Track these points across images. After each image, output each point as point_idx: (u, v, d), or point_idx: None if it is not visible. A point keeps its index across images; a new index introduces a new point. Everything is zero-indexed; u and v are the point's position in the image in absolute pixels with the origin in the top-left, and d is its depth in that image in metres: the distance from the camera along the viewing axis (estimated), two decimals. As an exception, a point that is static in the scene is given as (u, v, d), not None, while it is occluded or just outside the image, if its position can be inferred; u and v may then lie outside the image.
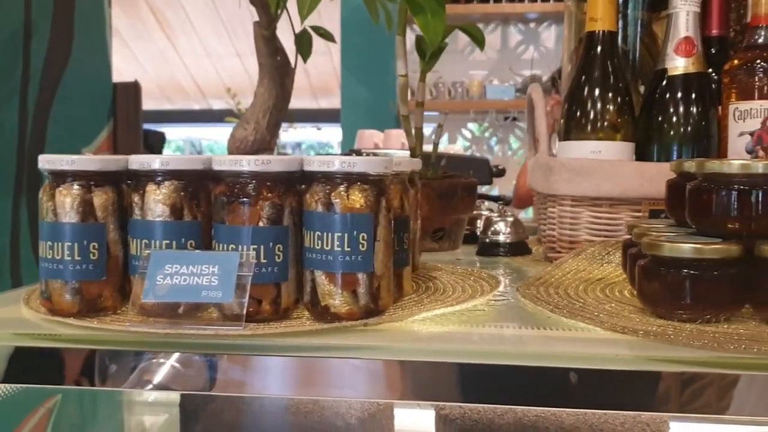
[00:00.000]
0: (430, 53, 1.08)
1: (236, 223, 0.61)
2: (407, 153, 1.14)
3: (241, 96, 4.68)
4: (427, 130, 4.18)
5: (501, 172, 1.95)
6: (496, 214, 1.09)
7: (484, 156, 3.58)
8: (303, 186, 0.63)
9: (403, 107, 1.09)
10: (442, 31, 0.98)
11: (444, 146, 3.93)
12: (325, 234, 0.60)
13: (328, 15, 4.02)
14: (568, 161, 0.96)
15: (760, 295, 0.63)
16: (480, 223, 1.18)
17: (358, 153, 2.75)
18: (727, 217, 0.66)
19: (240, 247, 0.61)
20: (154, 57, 5.37)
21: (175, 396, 1.01)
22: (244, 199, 0.61)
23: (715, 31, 1.05)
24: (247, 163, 0.61)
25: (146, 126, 2.84)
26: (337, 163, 0.61)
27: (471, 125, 4.06)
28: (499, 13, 3.82)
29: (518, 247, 1.07)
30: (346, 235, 0.60)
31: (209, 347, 0.59)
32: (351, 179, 0.61)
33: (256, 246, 0.61)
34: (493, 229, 1.07)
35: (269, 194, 0.61)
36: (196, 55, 5.19)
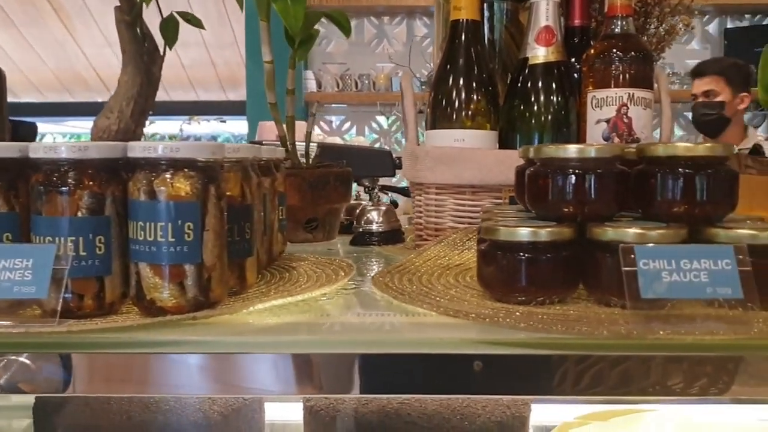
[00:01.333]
0: (298, 40, 1.06)
1: (53, 214, 0.58)
2: (312, 144, 1.13)
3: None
4: (337, 121, 4.16)
5: (403, 164, 1.95)
6: (369, 204, 1.08)
7: (392, 148, 3.59)
8: (130, 174, 0.60)
9: (270, 95, 1.07)
10: (302, 17, 0.97)
11: (351, 139, 3.92)
12: (149, 224, 0.58)
13: (233, 6, 3.94)
14: (431, 150, 0.96)
15: (591, 276, 0.64)
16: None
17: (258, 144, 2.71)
18: (561, 200, 0.67)
19: (57, 239, 0.57)
20: (50, 46, 5.13)
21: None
22: (62, 188, 0.58)
23: (577, 21, 1.07)
24: (65, 150, 0.58)
25: (37, 119, 2.70)
26: (161, 149, 0.58)
27: (379, 118, 4.07)
28: (404, 6, 3.83)
29: (391, 236, 1.07)
30: (170, 224, 0.58)
31: (30, 346, 0.56)
32: (177, 166, 0.58)
33: (74, 238, 0.57)
34: (366, 218, 1.06)
35: (89, 183, 0.58)
36: (96, 44, 4.98)
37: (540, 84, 0.98)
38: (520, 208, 0.79)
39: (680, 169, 0.65)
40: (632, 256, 0.57)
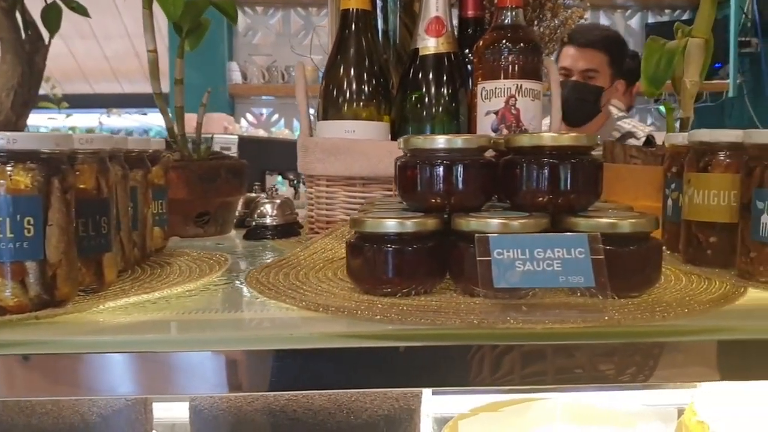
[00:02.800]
0: (185, 29, 1.02)
1: None
2: (232, 137, 1.10)
3: (65, 81, 4.37)
4: (266, 113, 4.10)
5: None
6: (263, 196, 1.06)
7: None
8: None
9: (155, 84, 1.04)
10: (181, 4, 0.94)
11: (277, 131, 3.87)
12: (-15, 219, 0.54)
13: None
14: (321, 141, 0.95)
15: (456, 267, 0.64)
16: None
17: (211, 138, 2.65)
18: (429, 192, 0.66)
19: None
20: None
21: None
22: None
23: (470, 12, 1.07)
24: None
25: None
26: (0, 140, 0.55)
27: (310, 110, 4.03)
28: (331, -2, 3.81)
29: (286, 229, 1.05)
30: (8, 219, 0.55)
31: None
32: (17, 158, 0.55)
33: None
34: (259, 211, 1.04)
35: None
36: None
37: (430, 75, 0.98)
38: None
39: (544, 159, 0.66)
40: (487, 245, 0.57)
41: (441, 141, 0.66)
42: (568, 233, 0.59)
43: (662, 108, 4.20)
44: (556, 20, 1.13)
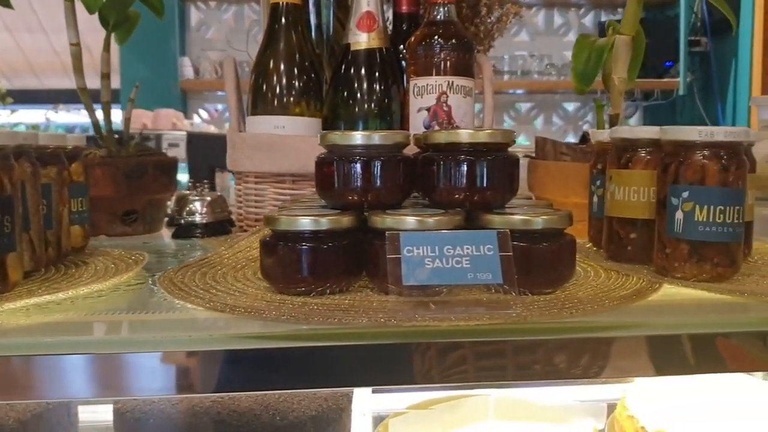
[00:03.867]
0: (112, 23, 1.00)
1: None
2: (181, 133, 1.07)
3: (13, 76, 4.25)
4: (222, 108, 4.04)
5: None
6: (193, 193, 1.04)
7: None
8: None
9: (79, 79, 1.00)
10: (102, -4, 0.91)
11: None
12: None
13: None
14: (248, 137, 0.93)
15: (372, 264, 0.63)
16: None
17: (140, 134, 2.59)
18: (346, 189, 0.65)
19: None
20: None
21: None
22: None
23: (405, 8, 1.07)
24: None
25: None
26: None
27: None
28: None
29: (216, 227, 1.03)
30: None
31: None
32: None
33: None
34: (188, 209, 1.02)
35: None
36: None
37: (362, 71, 0.97)
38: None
39: (460, 156, 0.65)
40: (397, 243, 0.56)
41: (358, 137, 0.65)
42: (477, 230, 0.59)
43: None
44: (491, 17, 1.13)
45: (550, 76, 3.95)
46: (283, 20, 0.96)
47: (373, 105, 0.97)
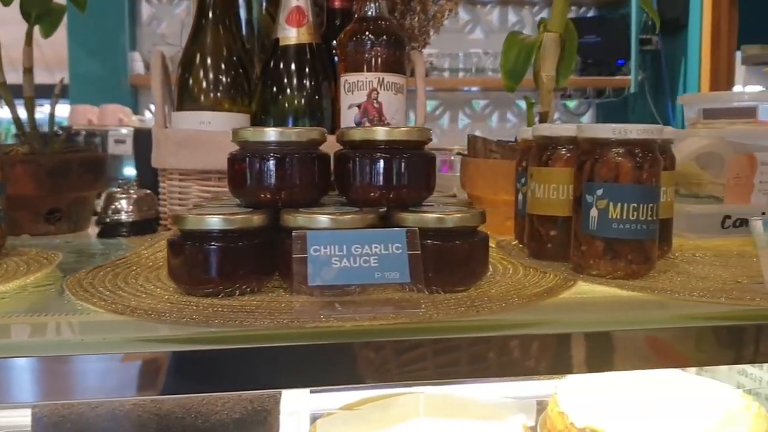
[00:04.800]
0: (34, 15, 0.96)
1: None
2: (128, 130, 1.03)
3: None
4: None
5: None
6: (119, 191, 1.01)
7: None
8: None
9: (-3, 74, 0.97)
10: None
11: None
12: None
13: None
14: (172, 133, 0.91)
15: (283, 264, 0.62)
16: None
17: (68, 130, 2.52)
18: (258, 187, 0.64)
19: None
20: None
21: None
22: None
23: (337, 3, 1.05)
24: None
25: None
26: None
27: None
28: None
29: (144, 226, 1.00)
30: None
31: None
32: None
33: None
34: (113, 207, 0.99)
35: None
36: None
37: (291, 66, 0.96)
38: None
39: (375, 154, 0.64)
40: (304, 242, 0.55)
41: (271, 134, 0.64)
42: (386, 229, 0.58)
43: (568, 103, 4.32)
44: (425, 14, 1.13)
45: (456, 74, 3.90)
46: (211, 14, 0.94)
47: (302, 101, 0.96)
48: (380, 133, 0.64)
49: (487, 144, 0.98)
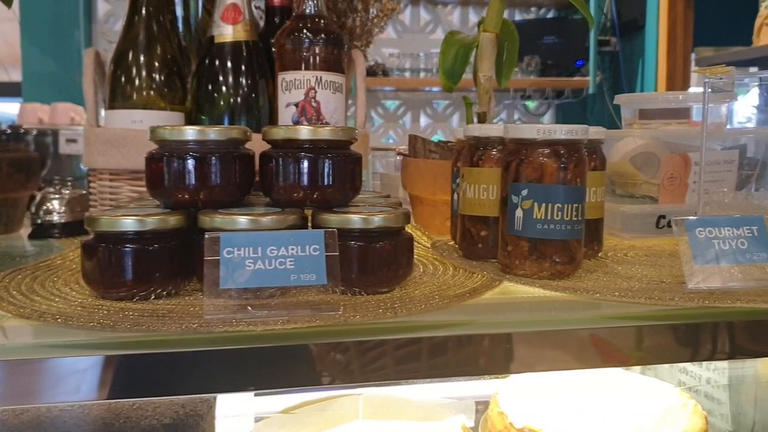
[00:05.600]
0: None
1: None
2: (80, 128, 1.00)
3: None
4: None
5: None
6: (52, 191, 0.98)
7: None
8: None
9: None
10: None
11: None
12: None
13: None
14: (102, 131, 0.89)
15: (200, 267, 0.60)
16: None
17: (16, 129, 2.46)
18: (176, 187, 0.62)
19: None
20: None
21: None
22: None
23: (277, 1, 1.04)
24: None
25: None
26: None
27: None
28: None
29: (76, 227, 0.97)
30: None
31: None
32: None
33: None
34: (45, 208, 0.97)
35: None
36: None
37: (227, 64, 0.94)
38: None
39: (299, 153, 0.63)
40: (216, 245, 0.54)
41: (189, 132, 0.62)
42: (304, 230, 0.57)
43: (528, 104, 4.35)
44: (367, 13, 1.12)
45: (418, 74, 3.91)
46: (144, 10, 0.92)
47: (238, 99, 0.94)
48: (304, 132, 0.63)
49: (427, 144, 0.97)
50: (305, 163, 0.63)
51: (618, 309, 0.59)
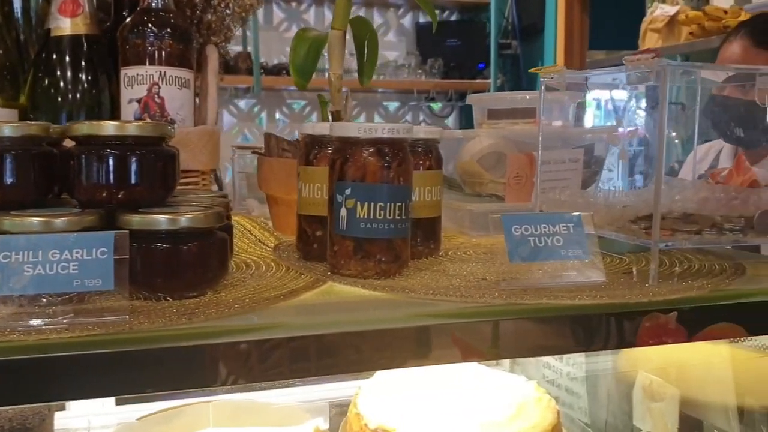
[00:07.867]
0: None
1: None
2: None
3: None
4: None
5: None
6: None
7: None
8: None
9: None
10: None
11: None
12: None
13: None
14: None
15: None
16: None
17: None
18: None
19: None
20: None
21: None
22: None
23: (126, -6, 1.00)
24: None
25: None
26: None
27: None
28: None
29: None
30: None
31: None
32: None
33: None
34: None
35: None
36: None
37: (64, 58, 0.89)
38: None
39: (102, 150, 0.60)
40: (-8, 248, 0.50)
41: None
42: (92, 233, 0.54)
43: (433, 105, 4.40)
44: (228, 9, 1.09)
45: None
46: (-30, 0, 0.86)
47: (77, 95, 0.90)
48: (109, 128, 0.60)
49: (280, 142, 0.95)
50: (109, 161, 0.59)
51: (430, 307, 0.58)
